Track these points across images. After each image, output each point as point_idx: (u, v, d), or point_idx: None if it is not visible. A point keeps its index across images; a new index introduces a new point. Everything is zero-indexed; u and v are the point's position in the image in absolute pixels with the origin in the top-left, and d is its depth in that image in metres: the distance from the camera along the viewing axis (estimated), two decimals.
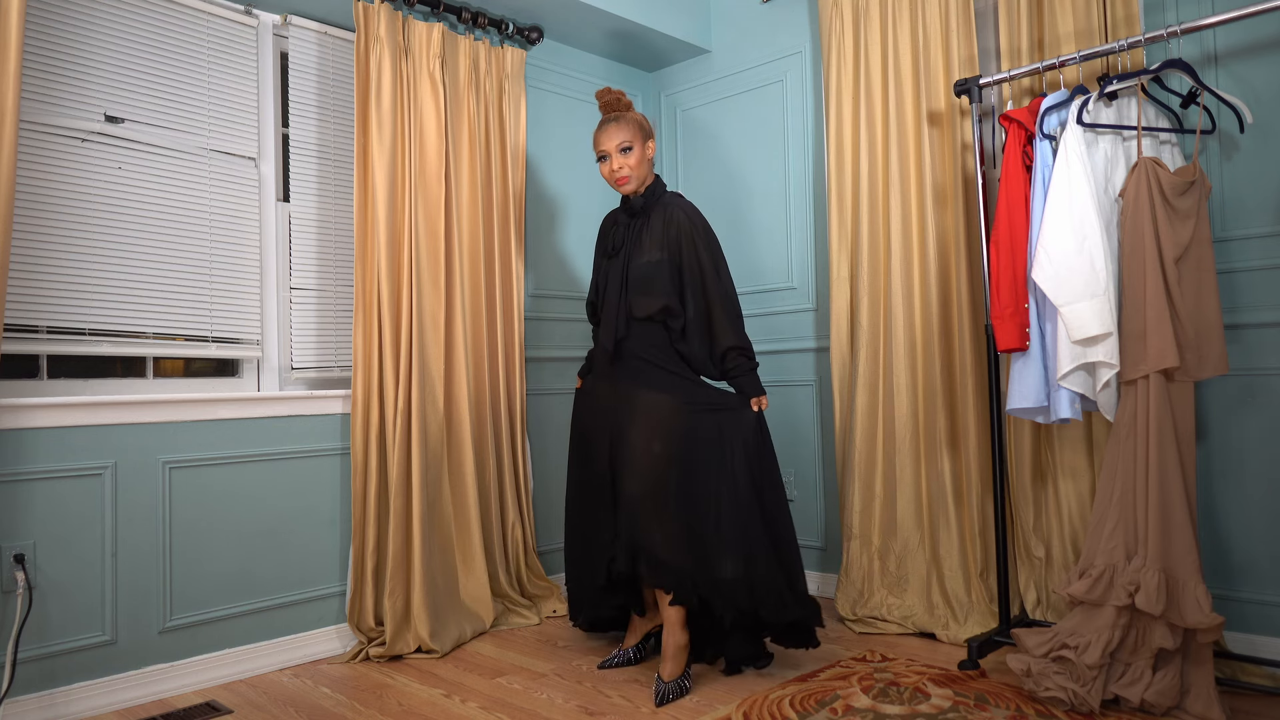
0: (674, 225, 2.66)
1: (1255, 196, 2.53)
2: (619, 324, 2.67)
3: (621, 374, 2.68)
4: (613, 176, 2.67)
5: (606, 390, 2.71)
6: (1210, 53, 2.60)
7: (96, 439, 2.50)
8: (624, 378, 2.67)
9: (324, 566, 2.95)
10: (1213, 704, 2.14)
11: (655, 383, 2.63)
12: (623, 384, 2.66)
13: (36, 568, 2.39)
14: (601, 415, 2.70)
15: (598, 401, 2.73)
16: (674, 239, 2.65)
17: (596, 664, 2.76)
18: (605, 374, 2.73)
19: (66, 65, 2.56)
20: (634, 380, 2.65)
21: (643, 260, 2.67)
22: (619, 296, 2.68)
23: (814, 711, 2.31)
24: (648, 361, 2.65)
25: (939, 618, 2.93)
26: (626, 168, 2.64)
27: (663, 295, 2.62)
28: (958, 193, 2.99)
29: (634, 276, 2.67)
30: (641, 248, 2.70)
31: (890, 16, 3.14)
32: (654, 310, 2.64)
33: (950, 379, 3.03)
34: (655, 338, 2.66)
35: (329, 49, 3.09)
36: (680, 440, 2.55)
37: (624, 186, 2.68)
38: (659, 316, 2.64)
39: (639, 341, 2.67)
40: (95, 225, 2.60)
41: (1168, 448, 2.25)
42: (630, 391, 2.64)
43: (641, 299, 2.65)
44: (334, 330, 3.07)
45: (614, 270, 2.73)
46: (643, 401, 2.61)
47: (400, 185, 3.02)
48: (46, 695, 2.38)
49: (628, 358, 2.67)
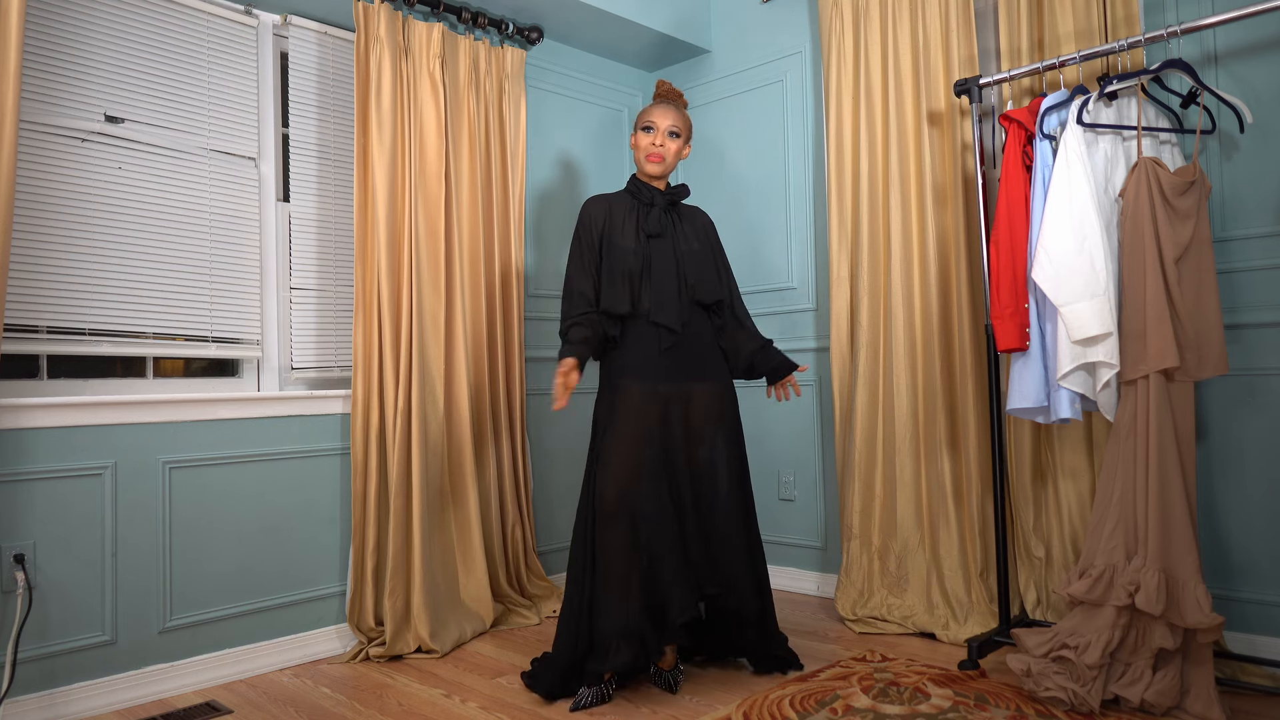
0: (701, 224, 2.77)
1: (1255, 196, 2.53)
2: (682, 306, 2.59)
3: (671, 365, 2.56)
4: (650, 148, 2.64)
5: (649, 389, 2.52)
6: (1210, 53, 2.60)
7: (97, 439, 2.50)
8: (674, 369, 2.56)
9: (324, 566, 2.95)
10: (1213, 704, 2.14)
11: (707, 375, 2.61)
12: (671, 377, 2.55)
13: (36, 568, 2.39)
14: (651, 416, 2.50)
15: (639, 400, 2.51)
16: (707, 233, 2.76)
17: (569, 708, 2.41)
18: (648, 367, 2.54)
19: (66, 65, 2.56)
20: (688, 373, 2.58)
21: (695, 246, 2.67)
22: (677, 278, 2.60)
23: (814, 711, 2.31)
24: (705, 349, 2.63)
25: (939, 618, 2.93)
26: (667, 149, 2.65)
27: (719, 284, 2.68)
28: (958, 193, 2.99)
29: (692, 261, 2.64)
30: (686, 235, 2.69)
31: (890, 16, 3.14)
32: (718, 297, 2.65)
33: (950, 379, 3.03)
34: (708, 326, 2.66)
35: (329, 49, 3.09)
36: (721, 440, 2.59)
37: (653, 165, 2.65)
38: (715, 305, 2.66)
39: (695, 328, 2.62)
40: (95, 225, 2.60)
41: (1168, 448, 2.25)
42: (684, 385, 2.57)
43: (707, 283, 2.63)
44: (334, 330, 3.07)
45: (660, 252, 2.62)
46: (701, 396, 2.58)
47: (400, 185, 3.02)
48: (46, 695, 2.38)
49: (685, 344, 2.59)
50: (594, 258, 2.61)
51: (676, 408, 2.54)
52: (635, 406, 2.50)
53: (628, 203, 2.69)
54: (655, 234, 2.63)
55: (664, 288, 2.57)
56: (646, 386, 2.53)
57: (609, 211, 2.66)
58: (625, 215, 2.65)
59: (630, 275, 2.56)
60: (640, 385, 2.53)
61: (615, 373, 2.58)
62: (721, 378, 2.66)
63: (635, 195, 2.69)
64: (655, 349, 2.56)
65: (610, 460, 2.45)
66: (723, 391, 2.64)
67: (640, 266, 2.58)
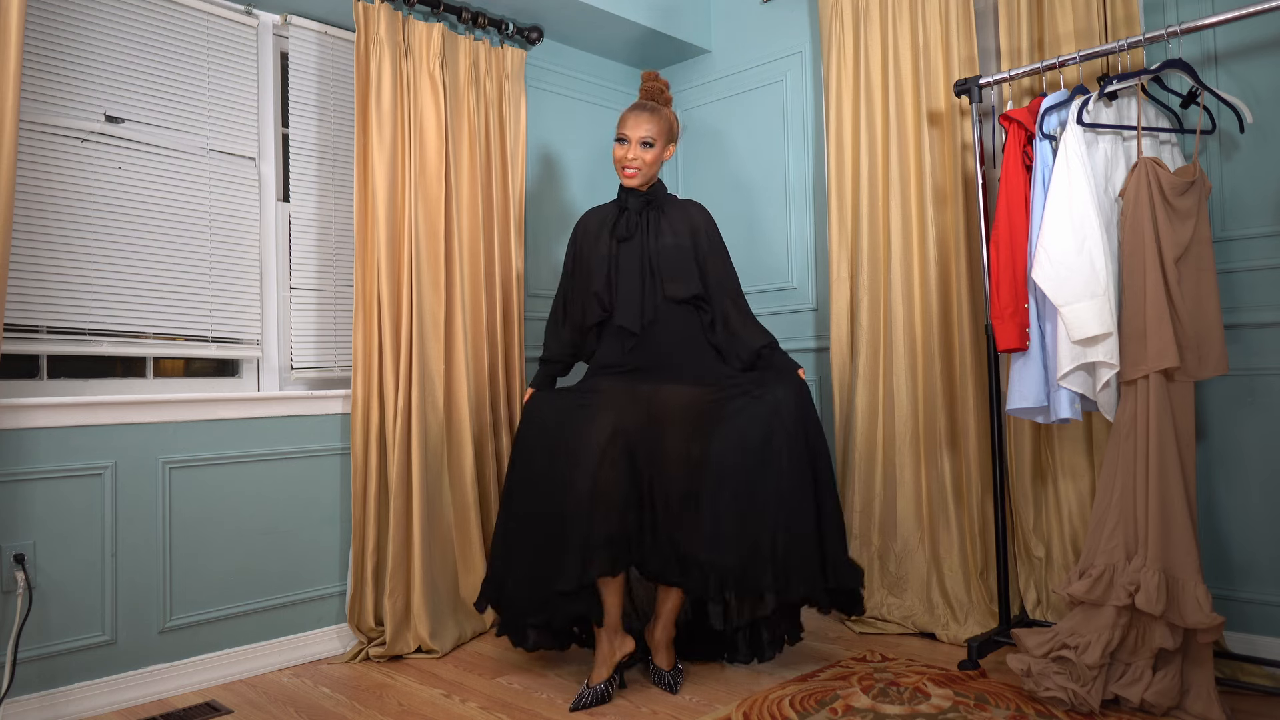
0: (688, 217, 2.71)
1: (1255, 196, 2.53)
2: (645, 306, 2.56)
3: (642, 365, 2.54)
4: (624, 162, 2.63)
5: (620, 387, 2.52)
6: (1210, 53, 2.60)
7: (96, 439, 2.50)
8: (646, 370, 2.53)
9: (324, 566, 2.95)
10: (1213, 704, 2.14)
11: (684, 374, 2.52)
12: (645, 378, 2.52)
13: (36, 568, 2.39)
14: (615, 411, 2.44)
15: (605, 398, 2.49)
16: (693, 228, 2.70)
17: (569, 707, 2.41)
18: (615, 367, 2.57)
19: (66, 65, 2.56)
20: (659, 374, 2.52)
21: (668, 242, 2.62)
22: (642, 278, 2.58)
23: (814, 711, 2.31)
24: (677, 349, 2.56)
25: (939, 618, 2.93)
26: (640, 161, 2.62)
27: (697, 278, 2.61)
28: (958, 193, 2.99)
29: (664, 258, 2.61)
30: (661, 232, 2.65)
31: (890, 17, 3.14)
32: (693, 292, 2.58)
33: (950, 379, 3.03)
34: (687, 323, 2.60)
35: (329, 49, 3.09)
36: (713, 434, 2.38)
37: (630, 179, 2.64)
38: (693, 300, 2.60)
39: (668, 327, 2.57)
40: (95, 225, 2.60)
41: (1168, 448, 2.25)
42: (656, 387, 2.49)
43: (676, 280, 2.58)
44: (334, 330, 3.07)
45: (628, 254, 2.62)
46: (673, 398, 2.45)
47: (400, 185, 3.02)
48: (46, 695, 2.38)
49: (651, 345, 2.56)
50: (571, 277, 2.78)
51: (650, 405, 2.46)
52: (605, 400, 2.49)
53: (611, 211, 2.75)
54: (625, 237, 2.66)
55: (626, 289, 2.60)
56: (622, 383, 2.55)
57: (586, 228, 2.78)
58: (604, 224, 2.72)
59: (598, 284, 2.65)
60: (614, 382, 2.57)
61: (593, 372, 2.68)
62: (708, 376, 2.54)
63: (618, 202, 2.75)
64: (622, 350, 2.60)
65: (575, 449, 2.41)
66: (698, 394, 2.46)
67: (608, 271, 2.63)
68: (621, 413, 2.44)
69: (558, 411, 2.52)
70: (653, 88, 2.73)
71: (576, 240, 2.78)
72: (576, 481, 2.36)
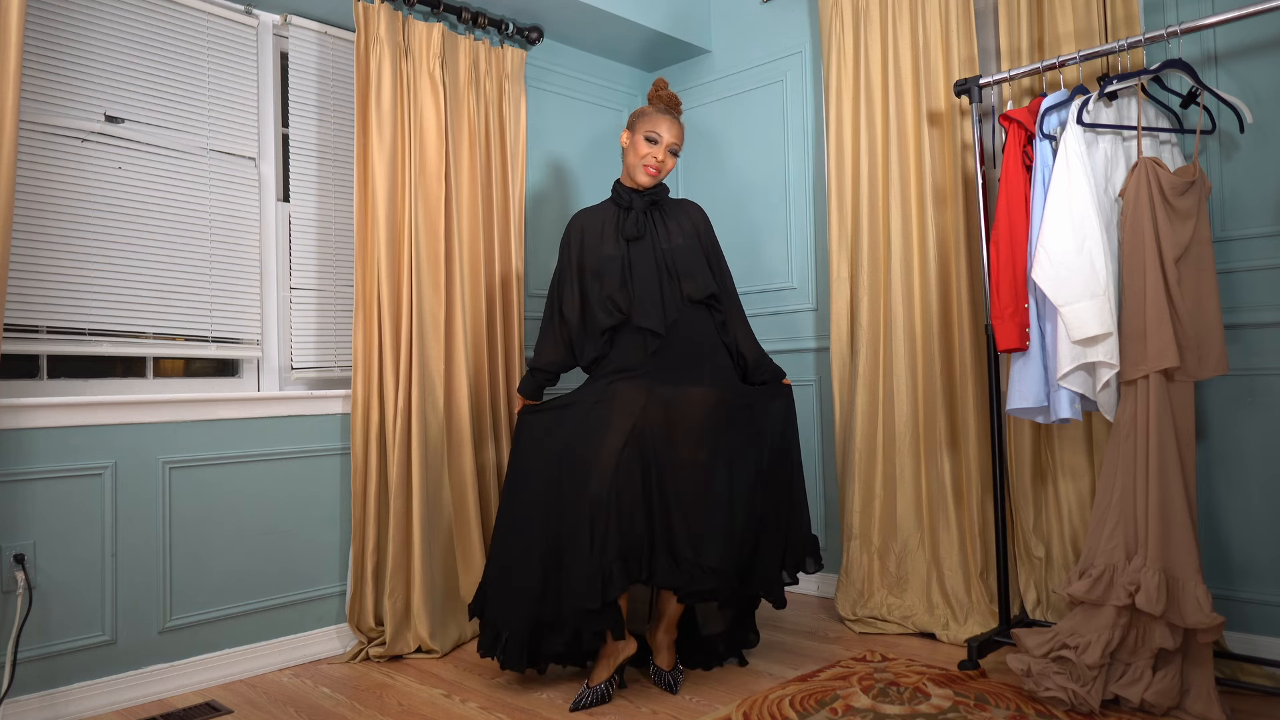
0: (689, 217, 2.74)
1: (1255, 196, 2.53)
2: (669, 306, 2.55)
3: (664, 366, 2.51)
4: (651, 162, 2.64)
5: (637, 389, 2.48)
6: (1210, 53, 2.60)
7: (96, 439, 2.50)
8: (667, 371, 2.51)
9: (324, 566, 2.95)
10: (1213, 704, 2.14)
11: (705, 375, 2.53)
12: (666, 379, 2.49)
13: (36, 568, 2.39)
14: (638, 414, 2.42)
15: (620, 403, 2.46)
16: (695, 228, 2.72)
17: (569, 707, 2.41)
18: (633, 369, 2.52)
19: (66, 65, 2.56)
20: (681, 375, 2.50)
21: (680, 242, 2.64)
22: (659, 278, 2.58)
23: (814, 711, 2.31)
24: (697, 349, 2.56)
25: (939, 618, 2.93)
26: (666, 167, 2.68)
27: (711, 278, 2.64)
28: (958, 193, 2.99)
29: (679, 258, 2.61)
30: (669, 231, 2.66)
31: (890, 16, 3.14)
32: (710, 291, 2.60)
33: (950, 379, 3.03)
34: (704, 323, 2.61)
35: (329, 49, 3.09)
36: (726, 441, 2.44)
37: (651, 177, 2.66)
38: (708, 300, 2.61)
39: (689, 328, 2.57)
40: (95, 225, 2.60)
41: (1168, 448, 2.25)
42: (678, 389, 2.48)
43: (694, 280, 2.59)
44: (334, 330, 3.07)
45: (640, 254, 2.61)
46: (696, 400, 2.47)
47: (400, 185, 3.02)
48: (46, 695, 2.38)
49: (672, 346, 2.54)
50: (571, 281, 2.68)
51: (669, 409, 2.45)
52: (622, 405, 2.45)
53: (609, 211, 2.73)
54: (634, 237, 2.64)
55: (646, 291, 2.56)
56: (640, 385, 2.49)
57: (584, 229, 2.71)
58: (605, 224, 2.69)
59: (612, 286, 2.57)
60: (632, 385, 2.50)
61: (605, 376, 2.56)
62: (724, 379, 2.57)
63: (616, 202, 2.73)
64: (643, 353, 2.55)
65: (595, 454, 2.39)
66: (723, 395, 2.51)
67: (622, 272, 2.59)
68: (638, 417, 2.42)
69: (565, 433, 2.48)
70: (672, 98, 2.75)
71: (572, 242, 2.71)
72: (593, 498, 2.33)
